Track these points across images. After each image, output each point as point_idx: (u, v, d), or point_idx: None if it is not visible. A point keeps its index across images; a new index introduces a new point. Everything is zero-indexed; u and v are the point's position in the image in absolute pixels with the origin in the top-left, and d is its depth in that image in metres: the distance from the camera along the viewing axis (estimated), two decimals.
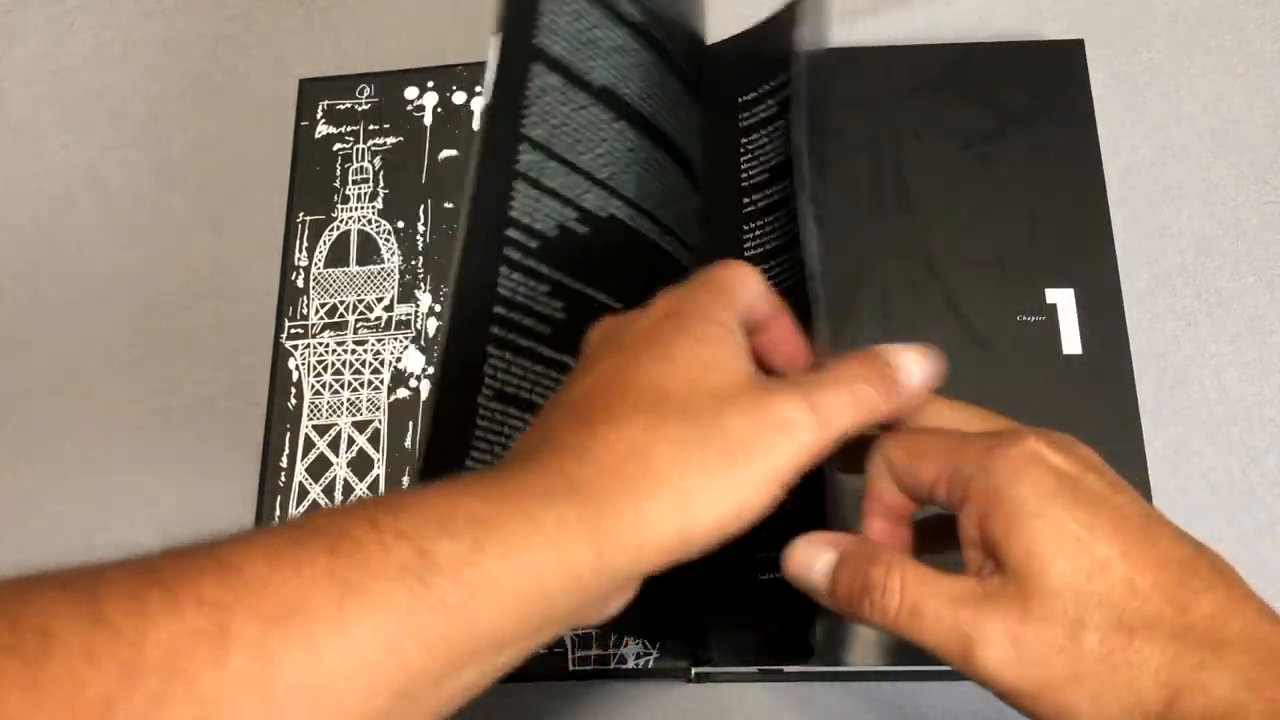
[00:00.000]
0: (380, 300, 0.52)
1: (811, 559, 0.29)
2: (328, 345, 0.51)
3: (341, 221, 0.53)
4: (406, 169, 0.54)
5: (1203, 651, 0.24)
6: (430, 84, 0.55)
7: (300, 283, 0.52)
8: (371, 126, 0.55)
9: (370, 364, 0.50)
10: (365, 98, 0.55)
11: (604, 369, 0.28)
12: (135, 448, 0.51)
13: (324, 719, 0.20)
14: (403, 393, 0.50)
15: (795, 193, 0.38)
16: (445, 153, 0.54)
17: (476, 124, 0.54)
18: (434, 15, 0.59)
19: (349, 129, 0.55)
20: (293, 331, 0.50)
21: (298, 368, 0.50)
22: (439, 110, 0.55)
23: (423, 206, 0.53)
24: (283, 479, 0.49)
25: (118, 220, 0.55)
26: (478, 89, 0.55)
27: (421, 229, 0.53)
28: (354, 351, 0.50)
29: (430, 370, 0.50)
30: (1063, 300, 0.48)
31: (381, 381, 0.50)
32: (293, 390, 0.50)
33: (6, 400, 0.52)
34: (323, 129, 0.55)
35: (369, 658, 0.21)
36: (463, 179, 0.53)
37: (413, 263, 0.52)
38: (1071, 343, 0.47)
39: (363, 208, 0.53)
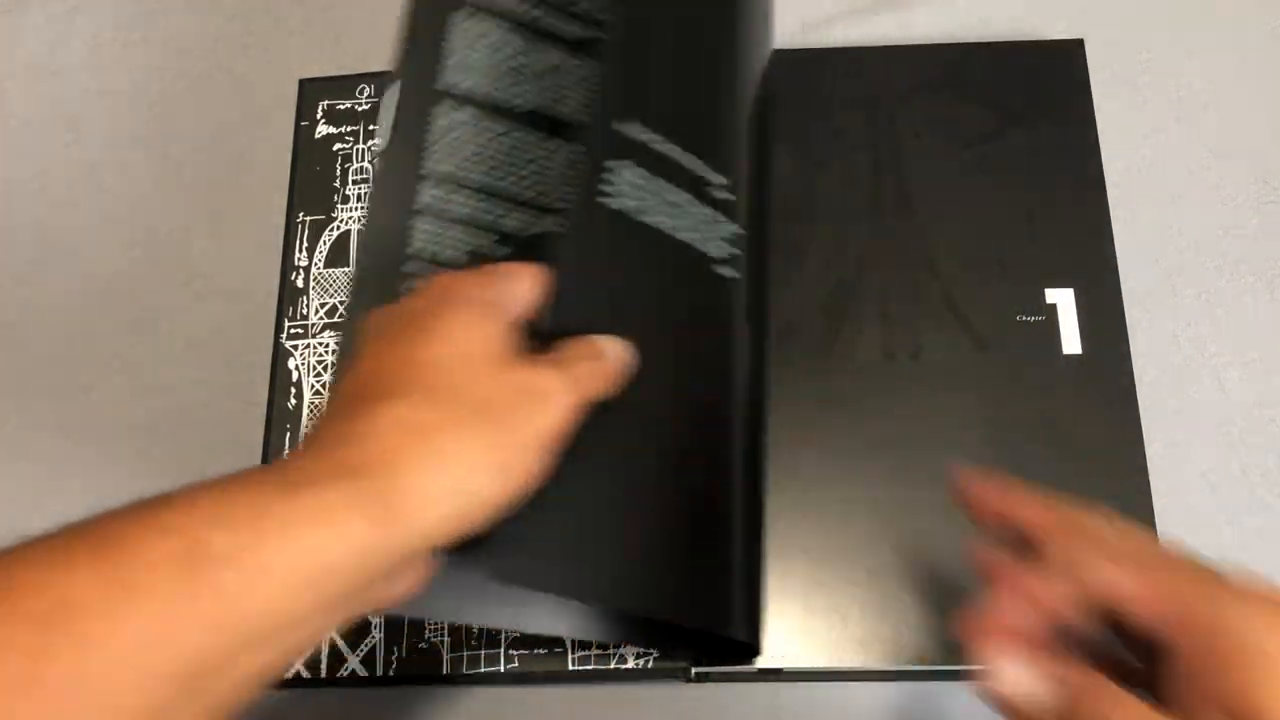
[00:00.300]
0: None
1: (1027, 685, 0.26)
2: (328, 345, 0.51)
3: (341, 221, 0.53)
4: None
5: None
6: None
7: (300, 283, 0.52)
8: (371, 126, 0.55)
9: None
10: (365, 98, 0.55)
11: (378, 350, 0.29)
12: (135, 448, 0.51)
13: (105, 713, 0.20)
14: None
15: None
16: None
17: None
18: None
19: (349, 129, 0.55)
20: (293, 331, 0.50)
21: (298, 368, 0.50)
22: None
23: None
24: None
25: (118, 220, 0.55)
26: None
27: None
28: None
29: None
30: (1063, 300, 0.48)
31: None
32: (293, 390, 0.50)
33: (6, 401, 0.52)
34: (323, 129, 0.55)
35: (146, 649, 0.21)
36: None
37: None
38: (1071, 343, 0.47)
39: (363, 208, 0.53)
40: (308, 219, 0.53)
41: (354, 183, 0.54)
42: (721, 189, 0.40)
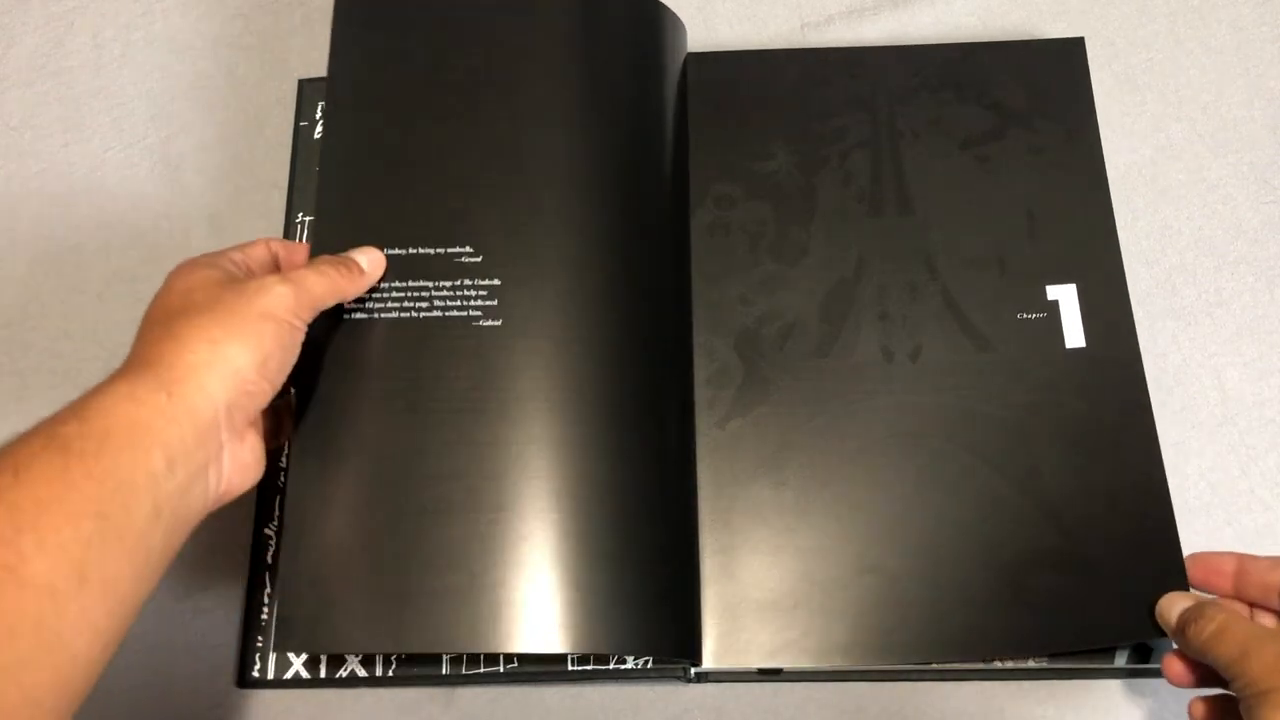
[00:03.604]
0: None
1: (1173, 604, 0.41)
2: None
3: None
4: None
5: None
6: None
7: None
8: None
9: None
10: None
11: (148, 309, 0.39)
12: None
13: (65, 565, 0.30)
14: None
15: None
16: None
17: None
18: None
19: None
20: None
21: (296, 365, 0.50)
22: None
23: None
24: (281, 477, 0.49)
25: (118, 220, 0.55)
26: None
27: None
28: None
29: None
30: (1065, 296, 0.48)
31: None
32: (292, 389, 0.50)
33: (5, 402, 0.52)
34: (322, 129, 0.55)
35: (55, 510, 0.31)
36: None
37: None
38: (1074, 337, 0.47)
39: None
40: (307, 219, 0.53)
41: None
42: (467, 255, 0.46)
